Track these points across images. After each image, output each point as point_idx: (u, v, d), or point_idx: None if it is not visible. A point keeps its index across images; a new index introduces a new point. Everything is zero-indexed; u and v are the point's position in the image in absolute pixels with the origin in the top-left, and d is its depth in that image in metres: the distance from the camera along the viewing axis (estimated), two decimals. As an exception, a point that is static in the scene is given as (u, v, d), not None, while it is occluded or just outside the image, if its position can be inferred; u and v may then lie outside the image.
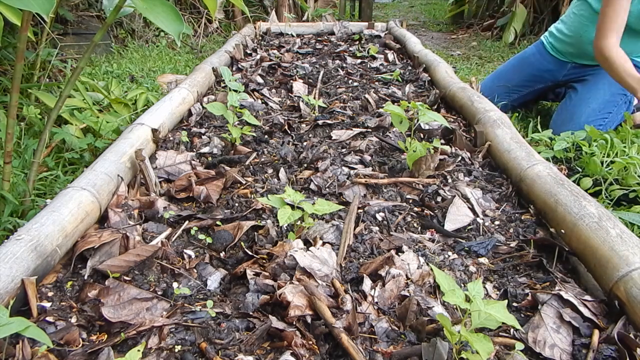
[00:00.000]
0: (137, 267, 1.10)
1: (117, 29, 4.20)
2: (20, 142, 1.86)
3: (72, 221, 1.15)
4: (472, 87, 2.23)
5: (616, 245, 1.02)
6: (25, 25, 1.26)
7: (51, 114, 1.42)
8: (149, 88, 2.85)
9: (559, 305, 0.98)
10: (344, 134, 1.88)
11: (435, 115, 1.58)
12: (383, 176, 1.54)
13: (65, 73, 2.72)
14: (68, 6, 3.60)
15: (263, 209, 1.36)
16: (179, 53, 4.08)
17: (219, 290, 1.08)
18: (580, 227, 1.13)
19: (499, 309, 0.83)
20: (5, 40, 2.27)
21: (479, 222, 1.32)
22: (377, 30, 4.00)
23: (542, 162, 1.44)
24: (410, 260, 1.11)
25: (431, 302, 1.01)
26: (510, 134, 1.66)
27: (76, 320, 0.97)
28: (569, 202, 1.21)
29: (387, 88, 2.53)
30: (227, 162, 1.65)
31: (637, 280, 0.94)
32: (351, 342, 0.88)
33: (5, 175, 1.39)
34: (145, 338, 0.92)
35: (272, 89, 2.49)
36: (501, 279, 1.12)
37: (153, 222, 1.30)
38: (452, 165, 1.59)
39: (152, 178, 1.45)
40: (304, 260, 1.06)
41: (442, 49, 4.85)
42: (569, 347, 0.91)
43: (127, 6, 1.31)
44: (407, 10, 7.86)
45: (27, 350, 0.86)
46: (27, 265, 0.99)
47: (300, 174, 1.57)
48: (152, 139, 1.68)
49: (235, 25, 5.03)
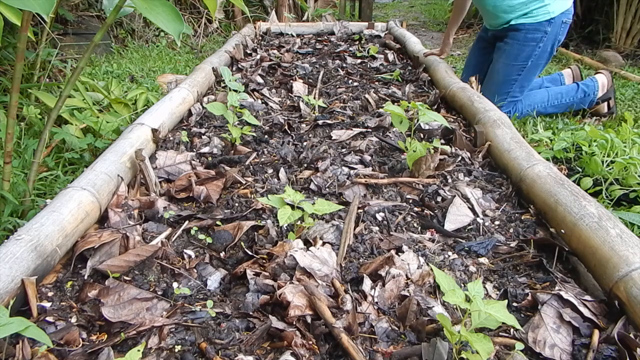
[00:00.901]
0: (137, 267, 1.10)
1: (117, 29, 4.20)
2: (20, 142, 1.86)
3: (72, 221, 1.15)
4: (472, 87, 2.23)
5: (616, 245, 1.02)
6: (25, 25, 1.26)
7: (51, 114, 1.41)
8: (149, 88, 2.85)
9: (559, 305, 0.98)
10: (344, 134, 1.88)
11: (435, 115, 1.58)
12: (383, 176, 1.54)
13: (65, 73, 2.72)
14: (68, 6, 3.60)
15: (263, 209, 1.36)
16: (179, 53, 4.08)
17: (219, 290, 1.08)
18: (580, 227, 1.13)
19: (499, 309, 0.83)
20: (5, 40, 2.27)
21: (479, 222, 1.32)
22: (377, 30, 4.00)
23: (542, 162, 1.44)
24: (410, 260, 1.11)
25: (431, 302, 1.01)
26: (510, 134, 1.66)
27: (76, 320, 0.97)
28: (569, 202, 1.21)
29: (387, 88, 2.53)
30: (227, 162, 1.65)
31: (637, 280, 0.94)
32: (351, 342, 0.88)
33: (5, 175, 1.39)
34: (145, 338, 0.92)
35: (272, 89, 2.49)
36: (501, 279, 1.12)
37: (153, 222, 1.30)
38: (452, 165, 1.59)
39: (152, 178, 1.45)
40: (304, 260, 1.06)
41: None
42: (569, 347, 0.91)
43: (127, 6, 1.31)
44: (407, 10, 7.86)
45: (27, 350, 0.86)
46: (27, 265, 0.99)
47: (300, 174, 1.57)
48: (152, 139, 1.68)
49: (235, 25, 5.03)
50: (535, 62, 2.34)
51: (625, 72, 3.56)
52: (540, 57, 2.34)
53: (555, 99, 2.47)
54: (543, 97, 2.47)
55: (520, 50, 2.32)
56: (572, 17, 2.34)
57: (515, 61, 2.35)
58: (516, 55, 2.33)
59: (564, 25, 2.30)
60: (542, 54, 2.33)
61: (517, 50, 2.33)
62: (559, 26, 2.28)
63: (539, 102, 2.45)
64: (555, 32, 2.28)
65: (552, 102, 2.47)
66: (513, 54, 2.34)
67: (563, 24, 2.29)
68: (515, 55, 2.34)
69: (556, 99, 2.47)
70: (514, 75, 2.36)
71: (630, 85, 3.29)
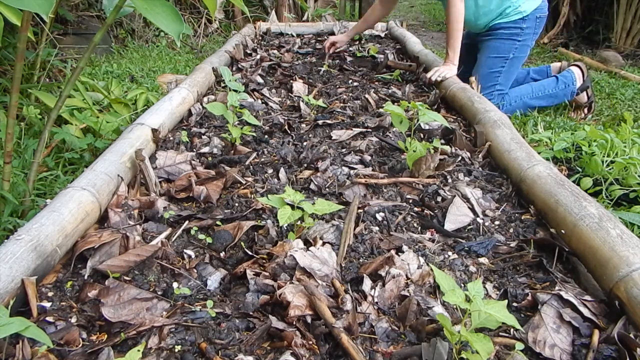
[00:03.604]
0: (137, 267, 1.10)
1: (117, 29, 4.20)
2: (20, 142, 1.86)
3: (72, 221, 1.15)
4: (472, 87, 2.23)
5: (616, 246, 1.02)
6: (25, 25, 1.26)
7: (51, 114, 1.42)
8: (149, 88, 2.85)
9: (559, 305, 0.98)
10: (344, 134, 1.88)
11: (435, 115, 1.58)
12: (383, 176, 1.54)
13: (65, 73, 2.72)
14: (68, 6, 3.60)
15: (263, 209, 1.36)
16: (179, 53, 4.08)
17: (219, 290, 1.08)
18: (580, 227, 1.13)
19: (499, 309, 0.83)
20: (5, 40, 2.27)
21: (479, 222, 1.32)
22: (377, 30, 4.00)
23: (542, 162, 1.44)
24: (410, 260, 1.11)
25: (431, 302, 1.01)
26: (510, 135, 1.66)
27: (76, 320, 0.97)
28: (570, 203, 1.21)
29: (387, 88, 2.53)
30: (227, 162, 1.65)
31: (637, 280, 0.94)
32: (351, 342, 0.88)
33: (5, 175, 1.39)
34: (145, 338, 0.92)
35: (272, 89, 2.49)
36: (501, 279, 1.12)
37: (153, 222, 1.30)
38: (452, 165, 1.59)
39: (152, 178, 1.45)
40: (304, 260, 1.06)
41: (442, 49, 4.84)
42: (569, 347, 0.91)
43: (127, 6, 1.31)
44: (407, 10, 7.86)
45: (27, 350, 0.86)
46: (27, 265, 0.99)
47: (300, 174, 1.57)
48: (152, 139, 1.67)
49: (235, 25, 5.03)
50: (516, 54, 2.58)
51: (625, 72, 3.57)
52: (520, 50, 2.59)
53: (539, 91, 2.66)
54: (527, 90, 2.66)
55: (501, 44, 2.57)
56: (546, 10, 2.61)
57: (498, 54, 2.58)
58: (498, 49, 2.58)
59: (539, 19, 2.58)
60: (522, 47, 2.58)
61: (498, 44, 2.58)
62: (534, 21, 2.55)
63: (524, 94, 2.65)
64: (532, 26, 2.55)
65: (537, 94, 2.65)
66: (495, 48, 2.59)
67: (538, 19, 2.57)
68: (497, 49, 2.58)
69: (540, 91, 2.66)
70: (498, 67, 2.58)
71: (630, 85, 3.29)
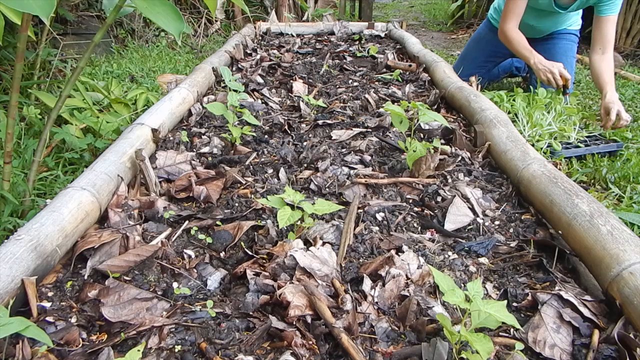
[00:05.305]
0: (137, 267, 1.10)
1: (117, 29, 4.20)
2: (20, 142, 1.86)
3: (72, 221, 1.15)
4: (472, 86, 2.23)
5: (607, 244, 1.03)
6: (26, 25, 1.26)
7: (51, 114, 1.42)
8: (149, 88, 2.85)
9: (559, 305, 0.98)
10: (344, 134, 1.88)
11: (435, 115, 1.58)
12: (383, 176, 1.54)
13: (65, 73, 2.72)
14: (68, 6, 3.60)
15: (263, 209, 1.36)
16: (179, 53, 4.08)
17: (219, 290, 1.08)
18: (574, 227, 1.13)
19: (499, 308, 0.83)
20: (5, 40, 2.27)
21: (479, 222, 1.32)
22: (377, 30, 4.00)
23: (536, 160, 1.44)
24: (410, 260, 1.11)
25: (431, 302, 1.01)
26: (506, 133, 1.65)
27: (76, 320, 0.97)
28: (563, 202, 1.21)
29: (387, 88, 2.53)
30: (227, 162, 1.65)
31: (627, 279, 0.94)
32: (351, 342, 0.88)
33: (5, 175, 1.39)
34: (145, 338, 0.92)
35: (272, 89, 2.49)
36: (501, 279, 1.12)
37: (153, 222, 1.30)
38: (452, 165, 1.59)
39: (152, 178, 1.45)
40: (304, 260, 1.06)
41: (442, 49, 4.85)
42: (569, 347, 0.91)
43: (127, 6, 1.31)
44: (407, 10, 7.86)
45: (27, 350, 0.86)
46: (27, 265, 0.99)
47: (300, 174, 1.57)
48: (152, 139, 1.67)
49: (235, 25, 5.03)
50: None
51: (625, 72, 3.57)
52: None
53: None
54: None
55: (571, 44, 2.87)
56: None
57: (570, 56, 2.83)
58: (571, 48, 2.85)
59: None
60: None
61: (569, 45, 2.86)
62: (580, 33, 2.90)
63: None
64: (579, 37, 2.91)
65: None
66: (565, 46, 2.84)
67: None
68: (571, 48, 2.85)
69: None
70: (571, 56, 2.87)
71: (630, 85, 3.29)
